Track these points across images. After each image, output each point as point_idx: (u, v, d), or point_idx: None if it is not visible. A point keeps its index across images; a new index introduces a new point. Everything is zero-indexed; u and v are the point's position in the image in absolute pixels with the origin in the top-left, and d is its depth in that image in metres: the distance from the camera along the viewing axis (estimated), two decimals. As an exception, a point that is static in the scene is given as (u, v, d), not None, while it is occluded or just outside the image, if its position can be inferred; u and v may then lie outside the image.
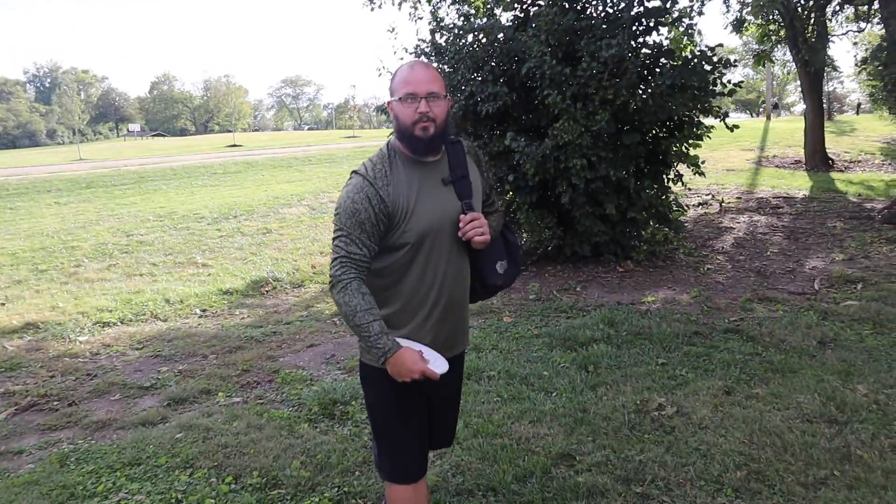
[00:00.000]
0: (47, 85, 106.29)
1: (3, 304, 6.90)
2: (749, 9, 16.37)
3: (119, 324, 6.22)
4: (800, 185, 13.34)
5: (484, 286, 2.40)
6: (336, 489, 3.18)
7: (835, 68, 16.72)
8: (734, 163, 17.31)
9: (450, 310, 2.27)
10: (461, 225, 2.17)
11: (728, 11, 17.49)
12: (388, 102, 2.17)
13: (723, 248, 8.16)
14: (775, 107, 59.64)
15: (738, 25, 17.24)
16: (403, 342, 2.13)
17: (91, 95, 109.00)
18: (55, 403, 4.44)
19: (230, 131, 75.47)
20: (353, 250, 2.07)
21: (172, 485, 3.29)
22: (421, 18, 7.84)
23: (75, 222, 12.05)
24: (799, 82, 17.32)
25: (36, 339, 5.82)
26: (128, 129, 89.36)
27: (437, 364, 2.12)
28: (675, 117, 7.23)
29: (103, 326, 6.14)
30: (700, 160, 7.67)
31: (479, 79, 7.16)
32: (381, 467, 2.37)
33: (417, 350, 2.12)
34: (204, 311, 6.57)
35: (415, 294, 2.20)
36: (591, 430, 3.61)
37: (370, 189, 2.08)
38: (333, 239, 2.12)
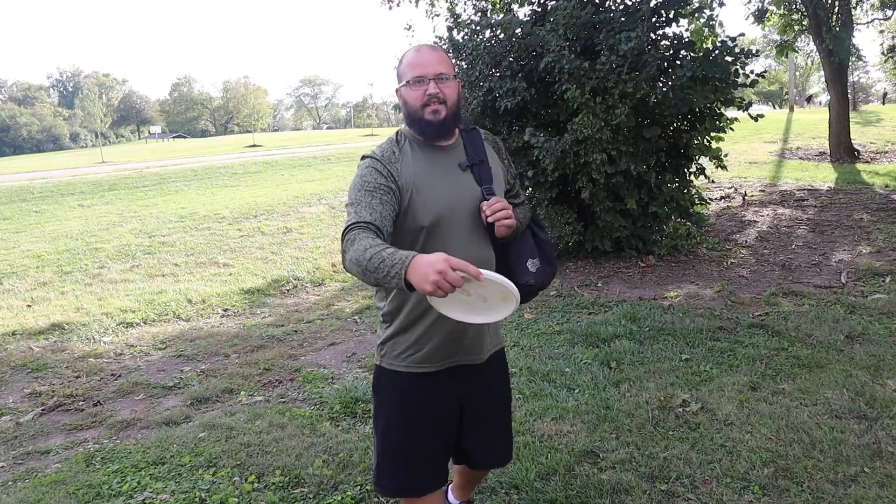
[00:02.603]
0: (70, 89, 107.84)
1: (30, 306, 6.99)
2: (771, -2, 16.17)
3: (142, 324, 6.27)
4: (825, 176, 13.13)
5: (516, 286, 2.26)
6: (358, 487, 3.17)
7: (860, 57, 16.45)
8: (757, 155, 17.09)
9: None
10: (484, 208, 2.00)
11: (750, 2, 17.29)
12: (397, 89, 2.09)
13: (746, 241, 8.05)
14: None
15: (760, 16, 17.01)
16: None
17: (112, 99, 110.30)
18: (80, 403, 4.49)
19: (250, 132, 76.05)
20: (362, 215, 1.88)
21: (196, 484, 3.30)
22: (438, 15, 7.84)
23: (98, 224, 12.19)
24: (822, 72, 17.05)
25: (61, 340, 5.88)
26: (149, 132, 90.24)
27: (491, 275, 1.67)
28: (696, 110, 7.14)
29: (127, 327, 6.20)
30: (723, 153, 7.57)
31: (498, 74, 7.12)
32: (380, 482, 2.21)
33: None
34: (225, 310, 6.61)
35: None
36: (615, 427, 3.58)
37: (377, 164, 1.99)
38: (345, 231, 1.90)
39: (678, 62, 7.04)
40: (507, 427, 2.40)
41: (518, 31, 7.11)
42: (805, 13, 15.78)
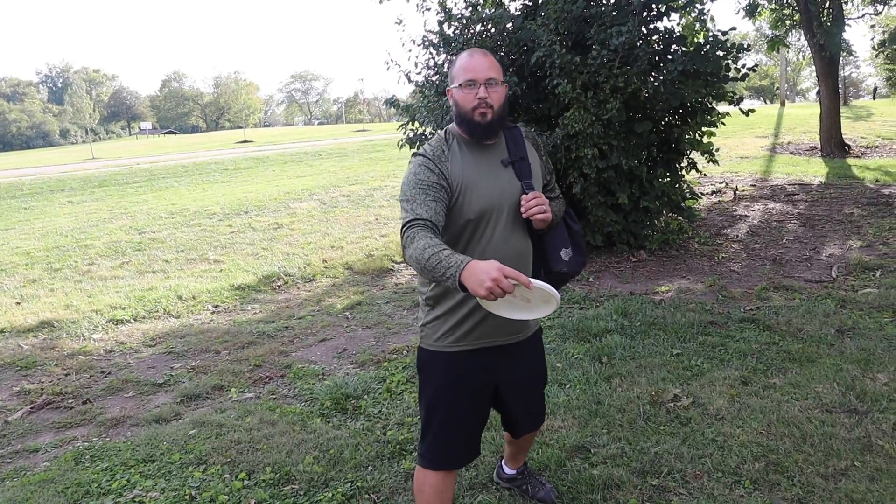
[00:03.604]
0: (59, 85, 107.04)
1: (19, 304, 6.94)
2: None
3: (132, 321, 6.23)
4: (815, 171, 13.18)
5: (549, 273, 2.38)
6: (349, 484, 3.16)
7: (850, 52, 16.48)
8: (748, 150, 17.13)
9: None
10: (523, 203, 2.16)
11: (741, -4, 17.29)
12: (448, 89, 2.24)
13: (737, 236, 8.07)
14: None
15: (752, 10, 17.04)
16: None
17: (102, 94, 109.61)
18: (70, 401, 4.46)
19: (241, 127, 75.71)
20: (419, 212, 2.04)
21: (186, 481, 3.29)
22: (429, 9, 7.76)
23: (88, 221, 12.11)
24: (814, 67, 17.10)
25: (51, 338, 5.84)
26: (139, 128, 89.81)
27: (539, 283, 1.82)
28: (688, 104, 7.14)
29: (117, 324, 6.16)
30: (714, 148, 7.58)
31: (489, 69, 7.09)
32: (420, 451, 2.41)
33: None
34: (216, 306, 6.58)
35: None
36: (606, 422, 3.57)
37: (429, 162, 2.14)
38: (403, 227, 2.04)
39: (669, 56, 7.04)
40: (542, 399, 2.61)
41: (509, 25, 7.09)
42: (796, 8, 15.82)
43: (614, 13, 6.76)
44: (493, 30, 7.18)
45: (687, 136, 7.39)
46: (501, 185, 2.21)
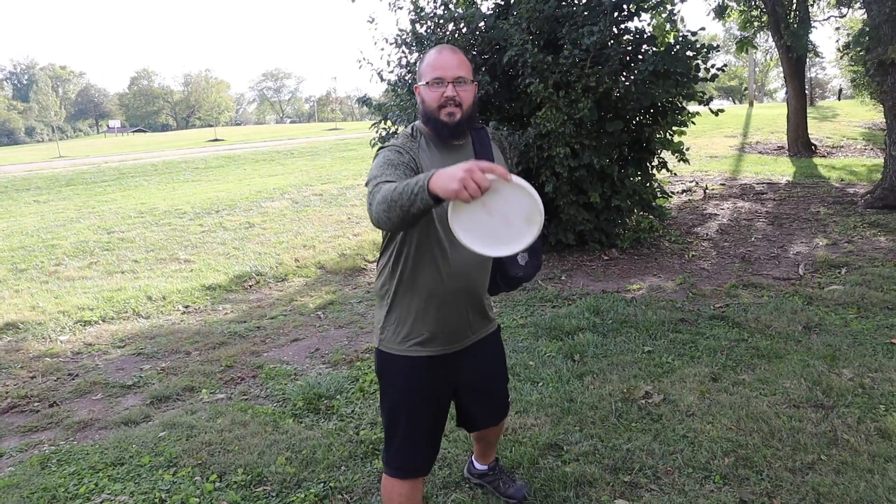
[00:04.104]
0: (24, 82, 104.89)
1: (-18, 305, 6.79)
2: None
3: (100, 322, 6.13)
4: (783, 170, 13.40)
5: (505, 277, 2.38)
6: (322, 485, 3.14)
7: (817, 54, 16.79)
8: (717, 149, 17.36)
9: (467, 294, 2.25)
10: None
11: (710, -3, 17.50)
12: (416, 86, 2.18)
13: (707, 234, 8.17)
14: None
15: (721, 11, 17.25)
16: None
17: (69, 92, 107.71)
18: (36, 404, 4.37)
19: (212, 126, 74.84)
20: (387, 177, 1.95)
21: (156, 484, 3.24)
22: (401, 8, 7.74)
23: (55, 220, 11.89)
24: (781, 68, 17.37)
25: (16, 340, 5.72)
26: (108, 126, 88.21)
27: (519, 179, 1.69)
28: (659, 104, 7.22)
29: (84, 325, 6.05)
30: (685, 147, 7.67)
31: (461, 68, 7.09)
32: (383, 458, 2.40)
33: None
34: (187, 307, 6.50)
35: (434, 279, 2.17)
36: (578, 420, 3.60)
37: (399, 148, 2.10)
38: (368, 194, 1.94)
39: (640, 56, 7.11)
40: (503, 395, 2.62)
41: (481, 24, 7.10)
42: (764, 10, 16.05)
43: (585, 13, 6.80)
44: (465, 29, 7.18)
45: (658, 136, 7.46)
46: None
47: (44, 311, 6.43)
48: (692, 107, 7.67)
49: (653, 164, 7.71)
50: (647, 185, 7.65)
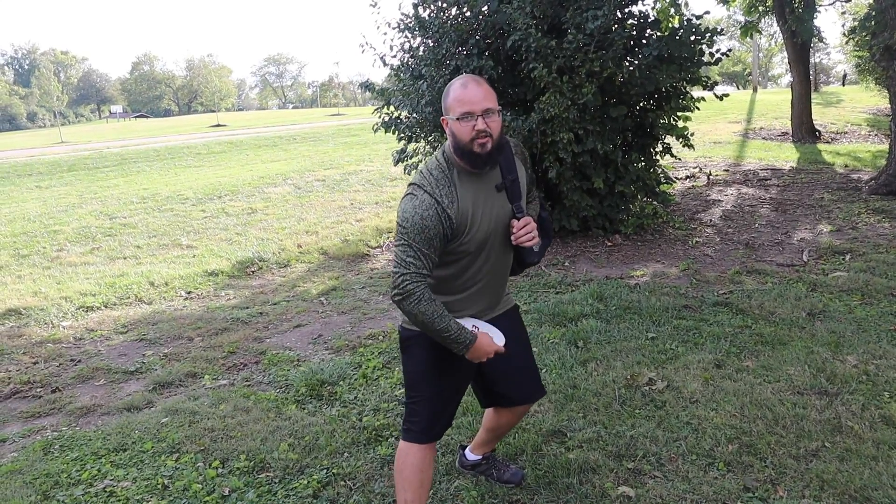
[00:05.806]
0: (26, 67, 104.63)
1: (-15, 290, 6.79)
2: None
3: (103, 308, 6.13)
4: (787, 156, 13.32)
5: (521, 264, 2.51)
6: (325, 471, 3.14)
7: (821, 39, 16.63)
8: (721, 135, 17.27)
9: (490, 289, 2.42)
10: (514, 230, 2.26)
11: (714, -19, 17.34)
12: (444, 119, 2.23)
13: (711, 220, 8.14)
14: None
15: (726, -4, 17.11)
16: (466, 323, 2.31)
17: (71, 77, 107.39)
18: (38, 390, 4.38)
19: (214, 111, 74.69)
20: (420, 266, 2.14)
21: (159, 470, 3.24)
22: (404, -8, 7.68)
23: (57, 206, 11.88)
24: (785, 53, 17.23)
25: (18, 326, 5.73)
26: (110, 111, 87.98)
27: (498, 338, 2.34)
28: (662, 89, 7.16)
29: (87, 311, 6.05)
30: (689, 132, 7.62)
31: (464, 53, 7.04)
32: (404, 427, 2.48)
33: (484, 332, 2.30)
34: (189, 292, 6.49)
35: (463, 284, 2.35)
36: (582, 406, 3.59)
37: (439, 208, 2.16)
38: (397, 248, 2.17)
39: (644, 41, 7.04)
40: (532, 367, 2.64)
41: (485, 8, 7.03)
42: (769, -6, 15.90)
43: (590, -3, 6.73)
44: (468, 13, 7.11)
45: (662, 121, 7.41)
46: (496, 213, 2.27)
47: (46, 296, 6.43)
48: (696, 92, 7.62)
49: (656, 149, 7.66)
50: (651, 170, 7.60)
